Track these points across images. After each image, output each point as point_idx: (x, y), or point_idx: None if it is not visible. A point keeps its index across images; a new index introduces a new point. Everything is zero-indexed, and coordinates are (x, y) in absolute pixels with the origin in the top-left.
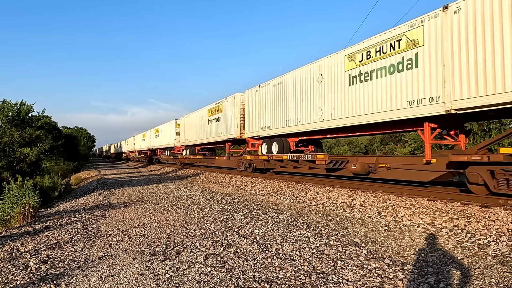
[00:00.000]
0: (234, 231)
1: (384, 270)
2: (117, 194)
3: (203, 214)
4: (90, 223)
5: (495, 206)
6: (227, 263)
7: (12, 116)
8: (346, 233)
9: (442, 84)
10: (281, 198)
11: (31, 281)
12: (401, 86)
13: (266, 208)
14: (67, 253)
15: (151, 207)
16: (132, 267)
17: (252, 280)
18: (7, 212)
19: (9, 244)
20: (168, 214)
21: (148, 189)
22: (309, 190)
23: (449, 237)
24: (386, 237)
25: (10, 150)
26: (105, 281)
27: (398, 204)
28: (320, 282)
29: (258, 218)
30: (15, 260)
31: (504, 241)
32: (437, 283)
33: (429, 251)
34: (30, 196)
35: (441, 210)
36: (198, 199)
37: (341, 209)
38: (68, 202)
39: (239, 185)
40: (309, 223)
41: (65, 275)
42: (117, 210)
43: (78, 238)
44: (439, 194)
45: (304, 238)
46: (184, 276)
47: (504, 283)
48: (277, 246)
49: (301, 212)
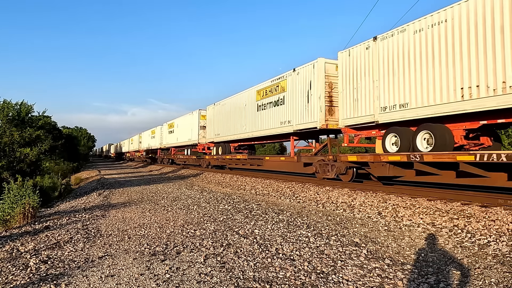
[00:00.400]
0: (234, 231)
1: (384, 270)
2: (117, 194)
3: (203, 214)
4: (90, 223)
5: (495, 206)
6: (227, 263)
7: (12, 116)
8: (346, 233)
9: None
10: (281, 198)
11: (31, 281)
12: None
13: (266, 208)
14: (67, 253)
15: (151, 207)
16: (132, 267)
17: (252, 280)
18: (7, 212)
19: (9, 244)
20: (168, 214)
21: (148, 189)
22: (309, 190)
23: (449, 237)
24: (386, 237)
25: (10, 150)
26: (105, 281)
27: (398, 204)
28: (320, 282)
29: (258, 218)
30: (15, 260)
31: (504, 241)
32: (437, 283)
33: (429, 251)
34: (30, 196)
35: (441, 210)
36: (198, 199)
37: (341, 209)
38: (68, 202)
39: (239, 185)
40: (309, 223)
41: (65, 275)
42: (117, 210)
43: (78, 238)
44: (439, 194)
45: (304, 238)
46: (184, 276)
47: (504, 283)
48: (277, 246)
49: (301, 212)
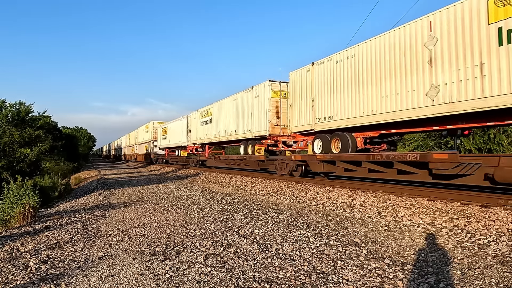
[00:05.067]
0: (234, 231)
1: (384, 270)
2: (117, 194)
3: (203, 214)
4: (90, 223)
5: (495, 206)
6: (227, 263)
7: (12, 116)
8: (346, 233)
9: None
10: (281, 198)
11: (31, 281)
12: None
13: (266, 208)
14: (67, 253)
15: (151, 207)
16: (132, 267)
17: (252, 280)
18: (7, 212)
19: (9, 244)
20: (168, 214)
21: (148, 189)
22: (309, 190)
23: (449, 237)
24: (386, 237)
25: (10, 150)
26: (105, 281)
27: (398, 204)
28: (320, 282)
29: (258, 218)
30: (15, 260)
31: (504, 241)
32: (437, 283)
33: (429, 251)
34: (30, 196)
35: (441, 210)
36: (198, 199)
37: (341, 209)
38: (68, 202)
39: (239, 185)
40: (309, 223)
41: (65, 275)
42: (117, 210)
43: (78, 238)
44: (439, 194)
45: (304, 238)
46: (184, 276)
47: (504, 283)
48: (277, 246)
49: (301, 212)
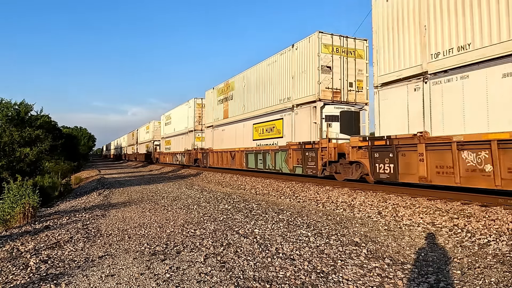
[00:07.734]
0: (234, 231)
1: (384, 269)
2: (117, 193)
3: (203, 214)
4: (90, 222)
5: (495, 206)
6: (227, 263)
7: (11, 115)
8: (346, 233)
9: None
10: (281, 198)
11: (31, 280)
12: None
13: (266, 208)
14: (67, 252)
15: (151, 206)
16: (132, 267)
17: (252, 280)
18: (7, 212)
19: (9, 243)
20: (168, 214)
21: (148, 188)
22: (309, 190)
23: (449, 237)
24: (386, 237)
25: (10, 150)
26: (105, 280)
27: (398, 204)
28: (320, 281)
29: (258, 218)
30: (15, 260)
31: (504, 240)
32: (437, 283)
33: (429, 250)
34: (30, 195)
35: (441, 209)
36: (198, 198)
37: (341, 208)
38: (68, 202)
39: (239, 185)
40: (309, 222)
41: (65, 274)
42: (117, 210)
43: (78, 238)
44: (439, 193)
45: (304, 237)
46: (184, 276)
47: (504, 282)
48: (277, 246)
49: (301, 211)
